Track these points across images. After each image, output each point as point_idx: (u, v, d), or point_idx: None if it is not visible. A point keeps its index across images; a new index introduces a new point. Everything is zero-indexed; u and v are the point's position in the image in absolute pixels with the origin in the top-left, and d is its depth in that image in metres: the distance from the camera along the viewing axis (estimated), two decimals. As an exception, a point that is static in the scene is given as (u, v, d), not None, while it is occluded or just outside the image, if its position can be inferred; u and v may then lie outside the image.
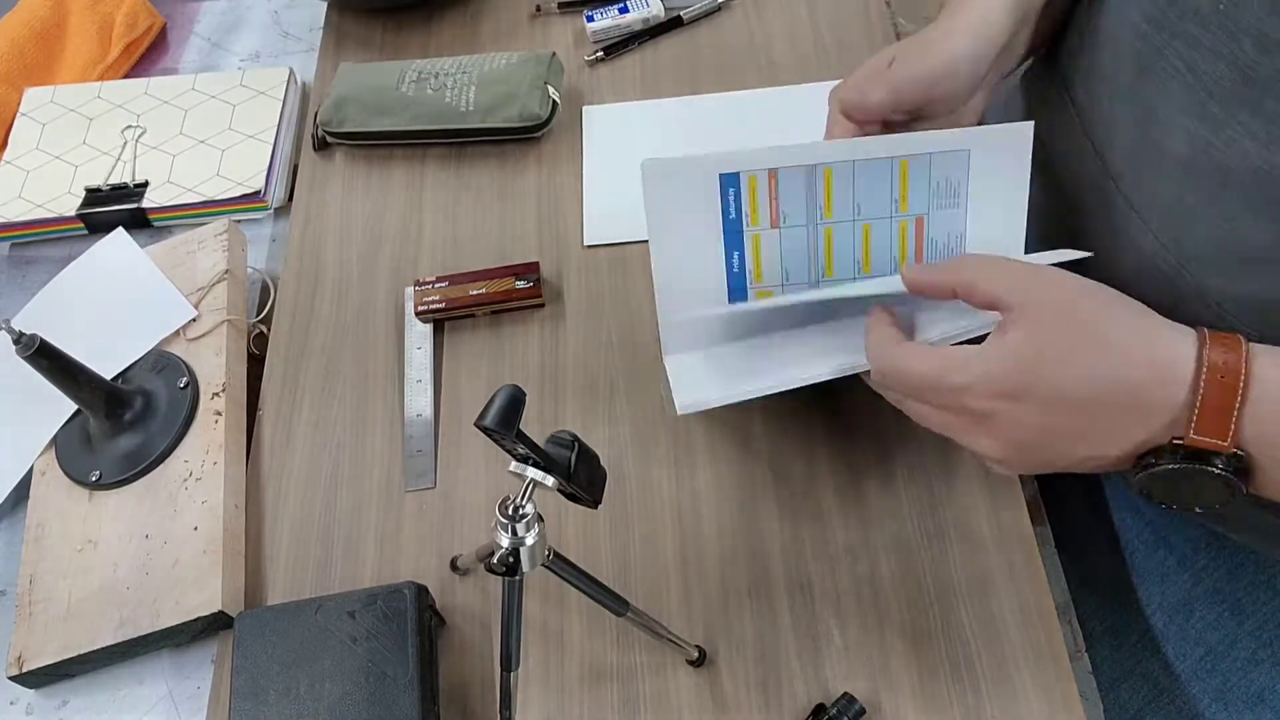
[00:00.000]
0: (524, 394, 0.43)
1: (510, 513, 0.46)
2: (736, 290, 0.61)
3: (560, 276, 0.74)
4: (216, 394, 0.68)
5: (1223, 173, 0.49)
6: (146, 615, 0.60)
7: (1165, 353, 0.45)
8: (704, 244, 0.61)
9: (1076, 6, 0.62)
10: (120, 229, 0.79)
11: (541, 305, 0.73)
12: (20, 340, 0.59)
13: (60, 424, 0.69)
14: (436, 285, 0.73)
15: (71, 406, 0.68)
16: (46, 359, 0.61)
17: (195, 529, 0.63)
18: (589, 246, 0.75)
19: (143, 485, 0.66)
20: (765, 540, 0.61)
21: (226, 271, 0.73)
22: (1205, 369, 0.43)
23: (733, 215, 0.60)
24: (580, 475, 0.46)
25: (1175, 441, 0.44)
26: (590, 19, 0.87)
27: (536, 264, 0.73)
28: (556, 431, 0.47)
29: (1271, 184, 0.46)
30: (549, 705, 0.58)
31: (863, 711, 0.54)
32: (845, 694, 0.55)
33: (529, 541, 0.47)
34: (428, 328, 0.72)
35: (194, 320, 0.72)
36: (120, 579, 0.62)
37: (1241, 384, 0.43)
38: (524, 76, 0.80)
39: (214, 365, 0.69)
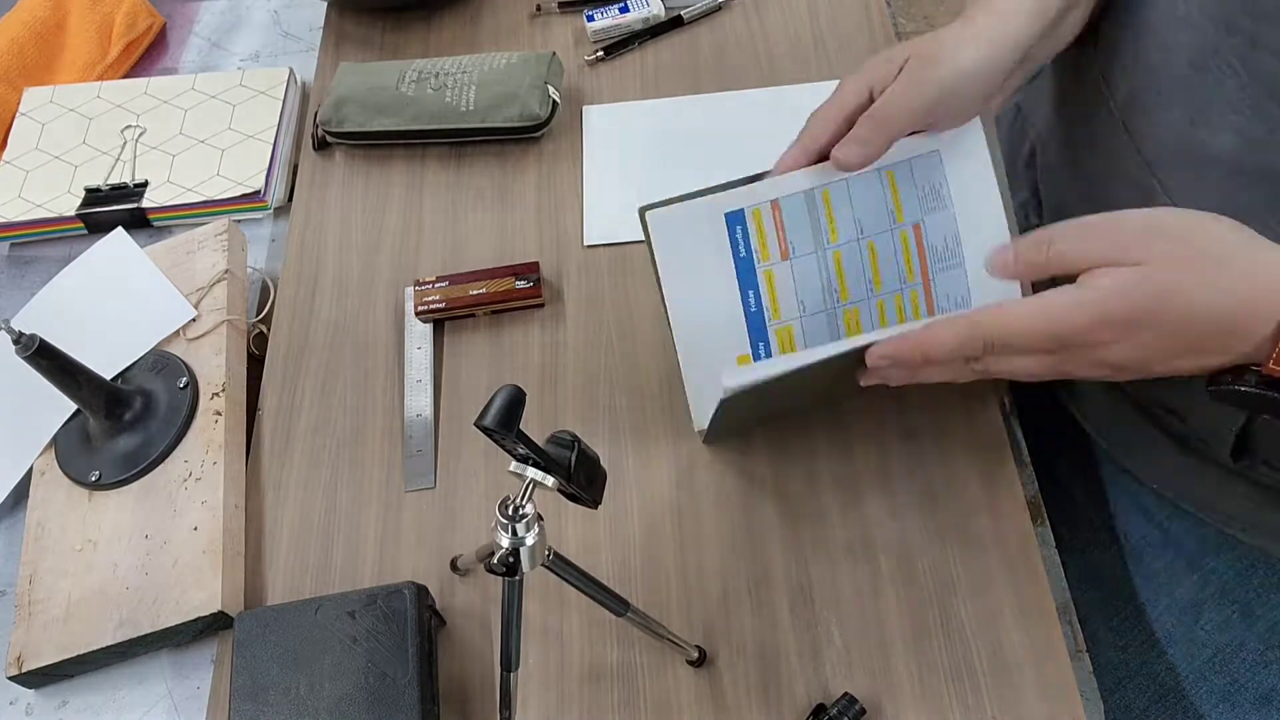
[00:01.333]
0: (524, 394, 0.43)
1: (510, 513, 0.46)
2: (756, 329, 0.61)
3: (560, 276, 0.74)
4: (216, 394, 0.68)
5: (1275, 173, 0.48)
6: (146, 615, 0.60)
7: (1264, 287, 0.45)
8: (718, 286, 0.60)
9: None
10: (120, 229, 0.79)
11: (541, 305, 0.73)
12: (20, 340, 0.59)
13: (60, 424, 0.69)
14: (436, 285, 0.73)
15: (71, 406, 0.68)
16: (46, 359, 0.61)
17: (195, 529, 0.63)
18: (589, 246, 0.75)
19: (142, 485, 0.66)
20: (765, 540, 0.61)
21: (226, 271, 0.73)
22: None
23: (744, 253, 0.60)
24: (580, 475, 0.46)
25: (1254, 367, 0.45)
26: (590, 19, 0.87)
27: (536, 264, 0.73)
28: (556, 431, 0.47)
29: None
30: (549, 705, 0.58)
31: (863, 712, 0.54)
32: (846, 694, 0.55)
33: (529, 541, 0.47)
34: (428, 328, 0.72)
35: (194, 320, 0.72)
36: (120, 579, 0.62)
37: None
38: (524, 76, 0.80)
39: (214, 365, 0.69)
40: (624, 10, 0.87)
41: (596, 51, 0.87)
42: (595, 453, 0.48)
